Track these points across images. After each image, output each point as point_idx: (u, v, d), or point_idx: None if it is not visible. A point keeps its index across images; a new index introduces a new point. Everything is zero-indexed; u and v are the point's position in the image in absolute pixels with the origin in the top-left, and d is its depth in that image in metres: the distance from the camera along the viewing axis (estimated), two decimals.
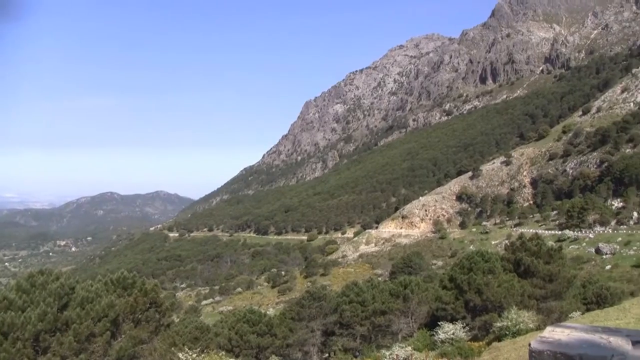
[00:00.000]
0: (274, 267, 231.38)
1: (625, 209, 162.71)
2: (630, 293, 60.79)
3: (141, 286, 39.80)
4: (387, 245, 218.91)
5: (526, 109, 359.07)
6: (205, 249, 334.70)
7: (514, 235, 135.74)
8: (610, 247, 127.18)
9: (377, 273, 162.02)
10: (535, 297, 46.13)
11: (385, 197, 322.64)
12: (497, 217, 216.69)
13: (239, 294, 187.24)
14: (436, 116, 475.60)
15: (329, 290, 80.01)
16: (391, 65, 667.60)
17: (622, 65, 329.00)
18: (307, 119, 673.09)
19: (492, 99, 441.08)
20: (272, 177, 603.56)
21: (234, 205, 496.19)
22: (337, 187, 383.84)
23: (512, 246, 52.92)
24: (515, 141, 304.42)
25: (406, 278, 65.45)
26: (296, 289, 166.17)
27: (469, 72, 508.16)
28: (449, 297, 48.94)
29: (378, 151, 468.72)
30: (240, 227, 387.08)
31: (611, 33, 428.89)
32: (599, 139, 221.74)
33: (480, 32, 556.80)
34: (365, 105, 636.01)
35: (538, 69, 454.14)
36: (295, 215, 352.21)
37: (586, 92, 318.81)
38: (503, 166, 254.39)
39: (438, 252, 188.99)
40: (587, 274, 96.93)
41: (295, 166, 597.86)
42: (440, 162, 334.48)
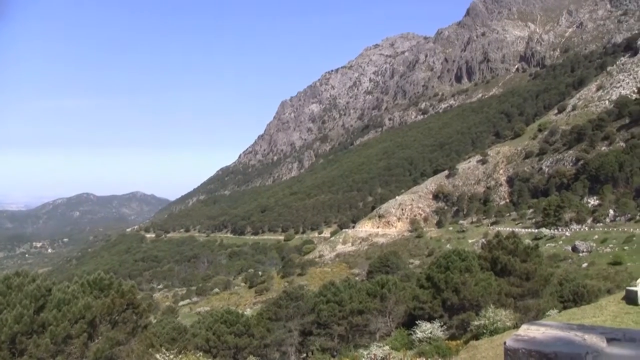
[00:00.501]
0: (251, 268, 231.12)
1: (601, 207, 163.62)
2: (606, 290, 61.08)
3: (118, 287, 39.52)
4: (364, 244, 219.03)
5: (502, 107, 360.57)
6: (182, 249, 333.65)
7: (490, 234, 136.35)
8: (586, 245, 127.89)
9: (354, 273, 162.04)
10: (513, 295, 46.23)
11: (361, 196, 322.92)
12: (474, 216, 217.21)
13: (216, 294, 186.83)
14: (412, 115, 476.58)
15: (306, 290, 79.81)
16: (367, 64, 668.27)
17: (597, 64, 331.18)
18: (283, 118, 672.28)
19: (468, 97, 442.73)
20: (249, 177, 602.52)
21: (210, 205, 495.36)
22: (314, 187, 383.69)
23: (489, 245, 53.03)
24: (491, 140, 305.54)
25: (383, 277, 65.44)
26: (273, 289, 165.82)
27: (445, 71, 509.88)
28: (426, 296, 48.95)
29: (354, 150, 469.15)
30: (217, 227, 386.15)
31: (586, 31, 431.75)
32: (575, 137, 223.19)
33: (455, 31, 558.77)
34: (341, 104, 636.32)
35: (513, 67, 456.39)
36: (272, 215, 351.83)
37: (561, 90, 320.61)
38: (479, 165, 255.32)
39: (415, 251, 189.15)
40: (563, 271, 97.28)
41: (272, 166, 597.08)
42: (417, 161, 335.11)
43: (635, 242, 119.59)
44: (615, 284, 76.39)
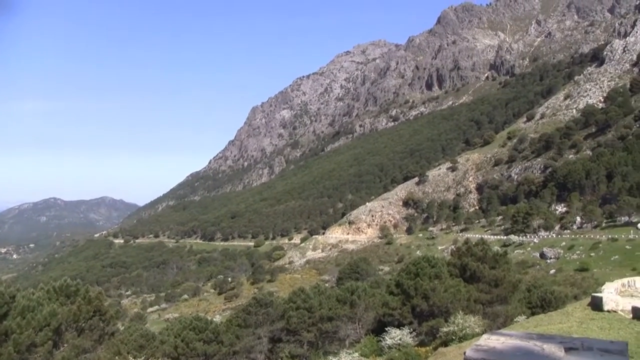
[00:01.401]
0: (221, 274, 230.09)
1: (568, 214, 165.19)
2: (573, 297, 61.69)
3: (85, 294, 39.23)
4: (334, 251, 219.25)
5: (472, 115, 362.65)
6: (151, 255, 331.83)
7: (460, 241, 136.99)
8: (554, 252, 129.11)
9: (324, 279, 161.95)
10: (481, 301, 46.48)
11: (332, 202, 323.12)
12: (444, 223, 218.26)
13: (185, 300, 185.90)
14: (383, 122, 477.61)
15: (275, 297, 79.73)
16: (338, 71, 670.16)
17: (564, 73, 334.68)
18: (253, 124, 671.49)
19: (438, 105, 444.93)
20: (219, 183, 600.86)
21: (180, 211, 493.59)
22: (284, 193, 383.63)
23: (458, 251, 53.27)
24: (461, 147, 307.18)
25: (353, 284, 65.54)
26: (243, 295, 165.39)
27: (416, 79, 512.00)
28: (395, 303, 49.03)
29: (325, 157, 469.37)
30: (186, 233, 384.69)
31: (554, 41, 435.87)
32: (543, 145, 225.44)
33: (426, 38, 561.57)
34: (312, 110, 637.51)
35: (483, 75, 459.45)
36: (242, 221, 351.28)
37: (530, 98, 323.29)
38: (449, 172, 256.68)
39: (385, 257, 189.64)
40: (532, 278, 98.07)
41: (242, 172, 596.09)
42: (387, 168, 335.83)
43: (602, 249, 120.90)
44: (582, 290, 77.17)
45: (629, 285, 33.02)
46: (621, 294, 29.80)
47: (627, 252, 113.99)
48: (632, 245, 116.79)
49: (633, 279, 34.20)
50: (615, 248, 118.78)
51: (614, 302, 26.33)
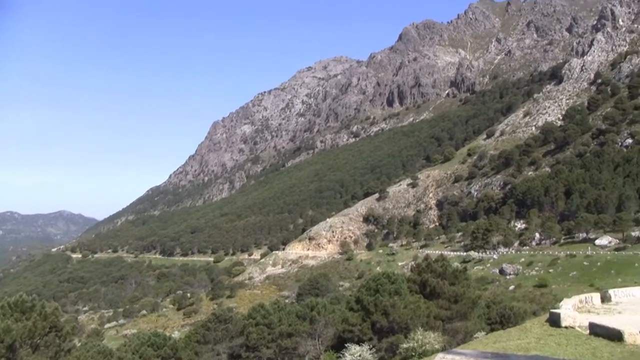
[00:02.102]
0: (180, 289, 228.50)
1: (527, 230, 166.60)
2: (532, 312, 62.01)
3: (41, 310, 38.58)
4: (294, 266, 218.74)
5: (432, 131, 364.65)
6: (109, 270, 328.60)
7: (420, 257, 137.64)
8: (513, 268, 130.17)
9: (284, 295, 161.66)
10: (441, 317, 46.58)
11: (292, 218, 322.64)
12: (404, 239, 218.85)
13: (144, 316, 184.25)
14: (344, 138, 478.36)
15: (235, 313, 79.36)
16: (299, 86, 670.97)
17: (524, 90, 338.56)
18: (214, 139, 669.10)
19: (399, 121, 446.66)
20: (179, 198, 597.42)
21: (139, 226, 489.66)
22: (244, 208, 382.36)
23: (418, 267, 53.41)
24: (422, 163, 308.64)
25: (313, 300, 65.38)
26: (202, 311, 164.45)
27: (377, 95, 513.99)
28: (355, 319, 48.94)
29: (285, 172, 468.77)
30: (145, 248, 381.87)
31: (514, 59, 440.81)
32: (503, 162, 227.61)
33: (387, 55, 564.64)
34: (273, 126, 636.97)
35: (444, 92, 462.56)
36: (202, 236, 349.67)
37: (490, 115, 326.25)
38: (409, 188, 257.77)
39: (345, 273, 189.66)
40: (491, 294, 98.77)
41: (202, 187, 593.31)
42: (348, 184, 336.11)
43: (560, 265, 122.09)
44: (541, 305, 77.68)
45: (586, 301, 33.24)
46: (579, 310, 29.99)
47: (584, 268, 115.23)
48: (590, 262, 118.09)
49: (590, 295, 34.44)
50: (573, 264, 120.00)
51: (571, 318, 26.46)
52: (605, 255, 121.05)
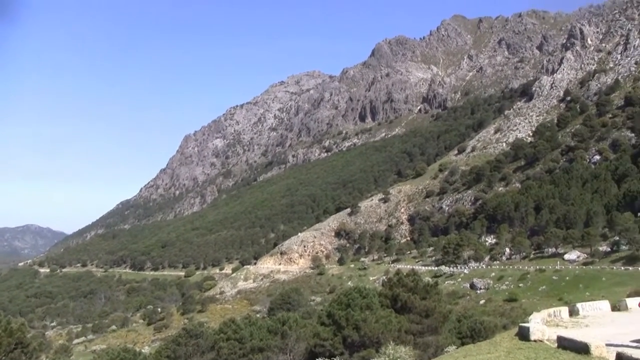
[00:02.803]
0: (150, 304, 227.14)
1: (498, 245, 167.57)
2: (502, 326, 62.36)
3: (6, 326, 38.25)
4: (265, 281, 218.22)
5: (404, 147, 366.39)
6: (78, 285, 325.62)
7: (391, 272, 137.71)
8: (484, 282, 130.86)
9: (256, 309, 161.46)
10: (412, 332, 46.76)
11: (264, 232, 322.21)
12: (375, 253, 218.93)
13: (113, 331, 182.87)
14: (316, 153, 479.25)
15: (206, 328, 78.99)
16: (272, 101, 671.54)
17: (495, 107, 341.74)
18: (186, 153, 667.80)
19: (371, 136, 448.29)
20: (150, 212, 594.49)
21: (109, 240, 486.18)
22: (216, 223, 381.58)
23: (390, 282, 53.62)
24: (393, 178, 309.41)
25: (284, 314, 65.38)
26: (173, 326, 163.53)
27: (349, 110, 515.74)
28: (327, 334, 49.00)
29: (257, 187, 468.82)
30: (115, 262, 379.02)
31: (485, 76, 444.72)
32: (474, 178, 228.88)
33: (360, 70, 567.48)
34: (245, 140, 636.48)
35: (416, 108, 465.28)
36: (173, 250, 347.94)
37: (462, 131, 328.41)
38: (381, 203, 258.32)
39: (317, 288, 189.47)
40: (462, 308, 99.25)
41: (173, 201, 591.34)
42: (319, 199, 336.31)
43: (530, 280, 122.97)
44: (511, 319, 78.15)
45: (554, 315, 33.68)
46: (547, 324, 30.42)
47: (554, 283, 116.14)
48: (559, 276, 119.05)
49: (559, 309, 34.91)
50: (543, 279, 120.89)
51: (540, 332, 26.84)
52: (573, 269, 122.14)
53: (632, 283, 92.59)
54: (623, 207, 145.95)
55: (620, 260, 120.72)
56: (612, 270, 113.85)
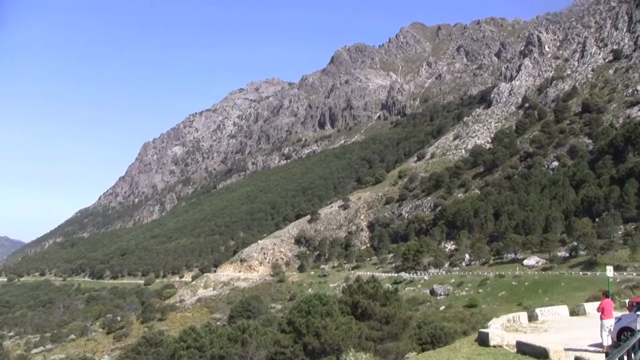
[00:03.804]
0: (110, 313, 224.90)
1: (457, 251, 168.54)
2: (462, 332, 62.57)
3: None
4: (225, 289, 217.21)
5: (363, 153, 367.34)
6: (36, 294, 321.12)
7: (351, 278, 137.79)
8: (444, 289, 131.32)
9: (216, 317, 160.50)
10: (373, 338, 46.66)
11: (224, 240, 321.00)
12: (335, 260, 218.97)
13: (72, 341, 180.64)
14: (275, 160, 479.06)
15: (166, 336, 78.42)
16: (231, 108, 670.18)
17: (454, 114, 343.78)
18: (145, 160, 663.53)
19: (331, 143, 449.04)
20: (109, 220, 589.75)
21: (68, 248, 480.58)
22: (175, 230, 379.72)
23: (350, 289, 53.49)
24: (353, 185, 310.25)
25: (245, 322, 65.05)
26: (132, 334, 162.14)
27: (308, 117, 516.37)
28: (287, 341, 48.77)
29: (217, 194, 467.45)
30: (74, 271, 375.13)
31: (444, 83, 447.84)
32: (433, 184, 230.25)
33: (319, 77, 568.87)
34: (205, 147, 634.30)
35: (375, 115, 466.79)
36: (132, 258, 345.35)
37: (421, 138, 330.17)
38: (341, 210, 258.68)
39: (277, 295, 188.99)
40: (422, 314, 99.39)
41: (133, 208, 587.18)
42: (279, 206, 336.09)
43: (489, 285, 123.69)
44: (471, 325, 78.47)
45: (514, 320, 33.83)
46: (507, 329, 30.52)
47: (513, 288, 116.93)
48: (518, 282, 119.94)
49: (518, 315, 35.08)
50: (502, 284, 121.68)
51: (499, 337, 26.90)
52: (532, 275, 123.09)
53: (591, 288, 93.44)
54: (581, 213, 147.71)
55: (579, 265, 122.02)
56: (570, 276, 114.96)
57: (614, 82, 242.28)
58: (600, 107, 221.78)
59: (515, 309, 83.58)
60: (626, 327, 24.92)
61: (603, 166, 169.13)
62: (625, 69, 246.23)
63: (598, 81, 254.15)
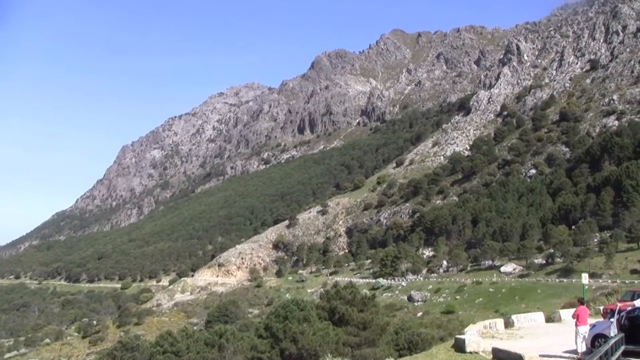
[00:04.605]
0: (86, 317, 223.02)
1: (435, 258, 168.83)
2: (440, 338, 62.60)
3: None
4: (203, 293, 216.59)
5: (342, 159, 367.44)
6: (10, 297, 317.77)
7: (329, 284, 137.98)
8: (421, 295, 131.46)
9: (193, 322, 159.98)
10: (350, 344, 46.68)
11: (201, 244, 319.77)
12: (313, 266, 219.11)
13: (47, 345, 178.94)
14: (254, 164, 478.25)
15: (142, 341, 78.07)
16: (211, 112, 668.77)
17: (433, 121, 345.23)
18: (123, 163, 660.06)
19: (310, 149, 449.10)
20: (86, 223, 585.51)
21: (44, 251, 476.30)
22: (153, 234, 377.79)
23: (327, 294, 53.50)
24: (332, 191, 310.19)
25: (222, 327, 64.83)
26: (108, 339, 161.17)
27: (288, 122, 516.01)
28: (264, 346, 48.69)
29: (195, 198, 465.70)
30: (50, 274, 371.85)
31: (424, 89, 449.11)
32: (412, 190, 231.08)
33: (299, 83, 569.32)
34: (184, 151, 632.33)
35: (355, 121, 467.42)
36: (109, 262, 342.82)
37: (400, 145, 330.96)
38: (319, 215, 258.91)
39: (254, 300, 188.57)
40: (399, 320, 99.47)
41: (110, 212, 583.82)
42: (258, 211, 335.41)
43: (467, 292, 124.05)
44: (448, 332, 78.53)
45: (490, 326, 34.02)
46: (483, 336, 30.69)
47: (490, 295, 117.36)
48: (495, 288, 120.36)
49: (494, 321, 35.29)
50: (480, 291, 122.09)
51: (475, 344, 27.06)
52: (510, 282, 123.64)
53: (567, 295, 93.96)
54: (558, 220, 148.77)
55: (555, 272, 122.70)
56: (547, 282, 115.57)
57: (591, 91, 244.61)
58: (578, 116, 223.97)
59: (492, 315, 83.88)
60: (600, 334, 25.17)
61: (580, 174, 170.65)
62: (602, 79, 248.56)
63: (575, 90, 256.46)
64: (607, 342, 21.80)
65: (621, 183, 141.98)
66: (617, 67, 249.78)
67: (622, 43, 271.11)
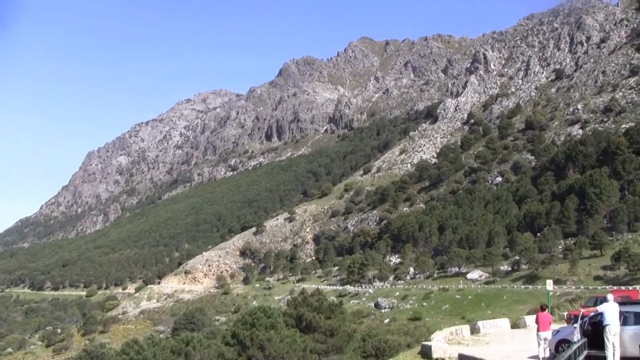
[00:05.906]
0: (50, 325, 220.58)
1: (402, 265, 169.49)
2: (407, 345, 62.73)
3: None
4: (169, 301, 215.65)
5: (310, 166, 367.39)
6: None
7: (296, 291, 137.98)
8: (388, 302, 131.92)
9: (159, 329, 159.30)
10: (317, 351, 46.73)
11: (168, 251, 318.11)
12: (281, 273, 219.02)
13: (9, 354, 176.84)
14: (221, 171, 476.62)
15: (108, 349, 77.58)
16: (178, 118, 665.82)
17: (400, 128, 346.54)
18: (89, 169, 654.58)
19: (277, 156, 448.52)
20: (50, 229, 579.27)
21: (6, 258, 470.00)
22: (119, 241, 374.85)
23: (295, 301, 53.57)
24: (299, 198, 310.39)
25: (188, 335, 64.40)
26: (73, 347, 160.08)
27: (255, 129, 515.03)
28: (231, 354, 48.56)
29: (162, 205, 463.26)
30: (13, 282, 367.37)
31: (391, 97, 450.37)
32: (379, 198, 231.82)
33: (267, 89, 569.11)
34: (150, 158, 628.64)
35: (322, 128, 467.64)
36: (74, 269, 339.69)
37: (367, 152, 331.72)
38: (287, 222, 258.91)
39: (221, 307, 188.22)
40: (367, 327, 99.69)
41: (75, 218, 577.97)
42: (225, 217, 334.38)
43: (433, 299, 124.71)
44: (415, 338, 78.80)
45: (456, 333, 34.23)
46: (449, 342, 30.88)
47: (456, 302, 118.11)
48: (462, 295, 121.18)
49: (460, 327, 35.51)
50: (446, 297, 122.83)
51: (442, 350, 27.22)
52: (476, 288, 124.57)
53: (532, 301, 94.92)
54: (523, 228, 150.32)
55: (521, 279, 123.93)
56: (512, 289, 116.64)
57: (556, 100, 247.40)
58: (543, 124, 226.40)
59: (459, 322, 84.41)
60: (564, 339, 25.42)
61: (545, 182, 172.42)
62: (566, 88, 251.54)
63: (541, 99, 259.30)
64: (571, 347, 22.05)
65: (585, 191, 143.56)
66: (581, 76, 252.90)
67: (586, 53, 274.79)
